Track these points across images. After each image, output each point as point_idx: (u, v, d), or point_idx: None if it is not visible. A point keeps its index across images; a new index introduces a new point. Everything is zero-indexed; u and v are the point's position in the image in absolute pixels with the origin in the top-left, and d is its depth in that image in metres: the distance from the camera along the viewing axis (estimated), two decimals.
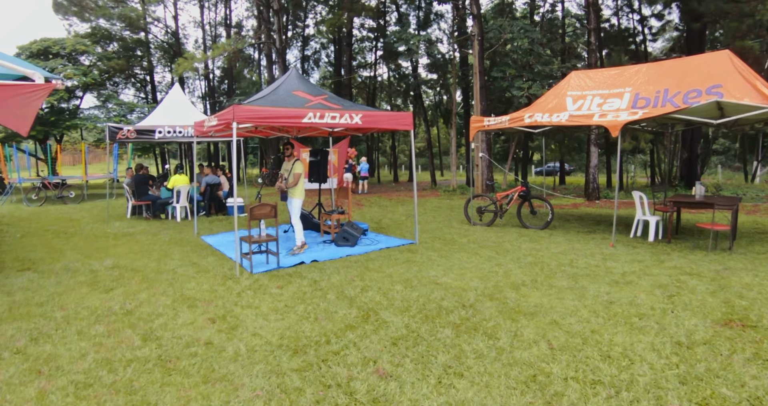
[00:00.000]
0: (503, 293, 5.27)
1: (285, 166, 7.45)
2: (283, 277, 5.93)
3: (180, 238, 8.54)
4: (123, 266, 6.48)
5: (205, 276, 5.93)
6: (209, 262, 6.70)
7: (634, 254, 7.14)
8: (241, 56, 24.11)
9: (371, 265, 6.55)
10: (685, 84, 8.04)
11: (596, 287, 5.47)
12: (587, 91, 9.06)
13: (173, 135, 9.82)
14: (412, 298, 5.10)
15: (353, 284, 5.61)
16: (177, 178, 10.69)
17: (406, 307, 4.82)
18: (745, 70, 7.60)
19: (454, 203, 14.57)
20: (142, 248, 7.65)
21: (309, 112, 6.46)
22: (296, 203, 7.26)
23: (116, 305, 4.80)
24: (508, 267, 6.40)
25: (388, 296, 5.18)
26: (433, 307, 4.82)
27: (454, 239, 8.39)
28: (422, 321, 4.42)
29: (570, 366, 3.49)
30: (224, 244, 7.92)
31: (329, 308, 4.76)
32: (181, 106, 11.42)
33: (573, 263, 6.65)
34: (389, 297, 5.13)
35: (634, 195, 8.78)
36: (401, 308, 4.80)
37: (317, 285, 5.57)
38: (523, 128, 9.47)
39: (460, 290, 5.40)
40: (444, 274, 6.08)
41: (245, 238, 6.33)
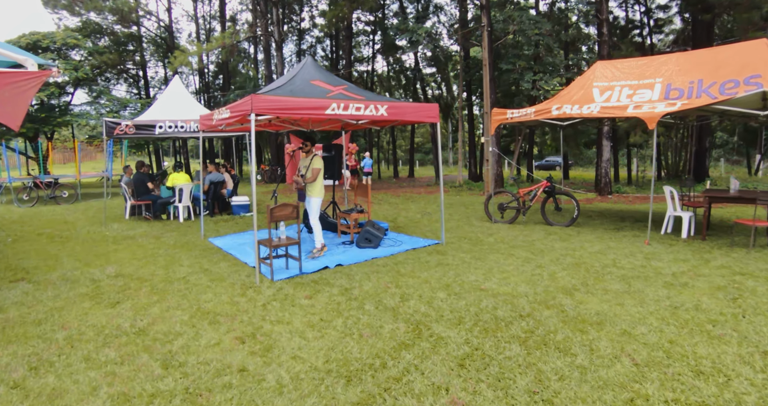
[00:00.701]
0: (557, 299, 4.75)
1: (302, 162, 6.80)
2: (308, 285, 5.30)
3: (186, 241, 7.86)
4: (127, 274, 5.81)
5: (222, 285, 5.28)
6: (223, 268, 6.04)
7: (675, 253, 6.68)
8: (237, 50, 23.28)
9: (402, 269, 5.95)
10: (720, 74, 7.53)
11: (653, 290, 5.01)
12: (614, 82, 8.51)
13: (175, 130, 9.10)
14: (461, 307, 4.51)
15: (389, 292, 5.00)
16: (176, 176, 9.97)
17: (458, 318, 4.23)
18: None
19: (465, 199, 14.00)
20: (145, 253, 6.96)
21: (332, 102, 5.82)
22: (315, 202, 6.63)
23: (125, 323, 4.14)
24: (550, 269, 5.85)
25: (433, 305, 4.59)
26: (488, 318, 4.24)
27: (480, 239, 7.81)
28: (482, 335, 3.85)
29: (665, 386, 3.05)
30: (235, 247, 7.26)
31: (372, 322, 4.15)
32: (182, 99, 10.67)
33: (616, 264, 6.14)
34: (435, 307, 4.54)
35: (665, 190, 8.29)
36: (453, 320, 4.21)
37: (349, 294, 4.95)
38: (551, 121, 8.90)
39: (509, 296, 4.84)
40: (485, 278, 5.50)
41: (264, 241, 5.68)
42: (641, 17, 18.30)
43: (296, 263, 6.16)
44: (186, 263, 6.33)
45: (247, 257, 6.56)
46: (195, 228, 9.02)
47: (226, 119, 6.02)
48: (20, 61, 4.85)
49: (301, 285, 5.28)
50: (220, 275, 5.68)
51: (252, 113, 5.19)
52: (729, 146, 27.99)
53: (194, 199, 10.12)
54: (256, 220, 5.39)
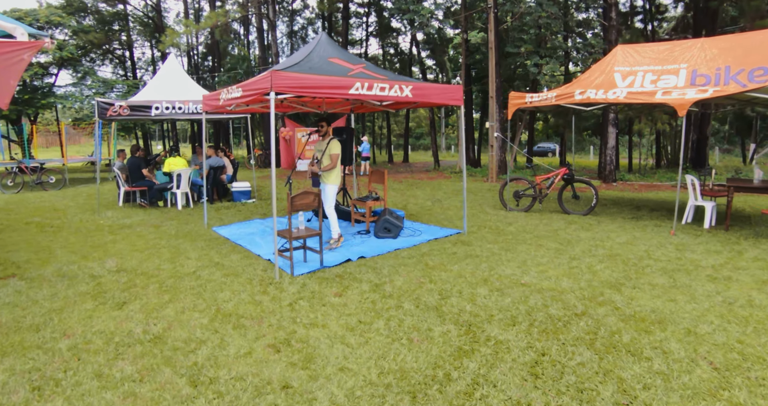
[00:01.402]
0: (605, 295, 4.38)
1: (318, 145, 6.24)
2: (333, 280, 4.80)
3: (188, 230, 7.26)
4: (130, 268, 5.23)
5: (238, 281, 4.75)
6: (235, 261, 5.50)
7: (704, 244, 6.38)
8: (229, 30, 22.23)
9: (429, 261, 5.48)
10: (748, 61, 7.14)
11: (699, 284, 4.71)
12: (637, 67, 8.07)
13: (172, 112, 8.40)
14: (509, 305, 4.09)
15: (425, 288, 4.53)
16: (174, 160, 9.30)
17: (510, 318, 3.81)
18: None
19: (469, 186, 13.55)
20: (147, 244, 6.37)
21: (356, 81, 5.26)
22: (331, 190, 6.09)
23: (137, 328, 3.60)
24: (586, 262, 5.46)
25: (478, 303, 4.15)
26: (542, 317, 3.84)
27: (500, 228, 7.38)
28: (544, 338, 3.45)
29: (754, 392, 2.79)
30: (243, 237, 6.70)
31: (418, 324, 3.69)
32: (178, 79, 9.92)
33: (651, 255, 5.79)
34: (480, 305, 4.10)
35: (686, 179, 7.95)
36: (505, 320, 3.78)
37: (382, 290, 4.47)
38: (574, 106, 8.43)
39: (555, 292, 4.44)
40: (522, 272, 5.07)
41: (284, 232, 5.14)
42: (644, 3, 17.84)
43: (315, 255, 5.65)
44: (193, 255, 5.76)
45: (259, 249, 6.02)
46: (196, 216, 8.41)
47: (238, 99, 5.40)
48: (9, 30, 4.19)
49: (326, 281, 4.77)
50: (234, 270, 5.14)
51: (271, 91, 4.60)
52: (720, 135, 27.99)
53: (192, 185, 9.47)
54: (275, 206, 4.85)
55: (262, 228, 7.29)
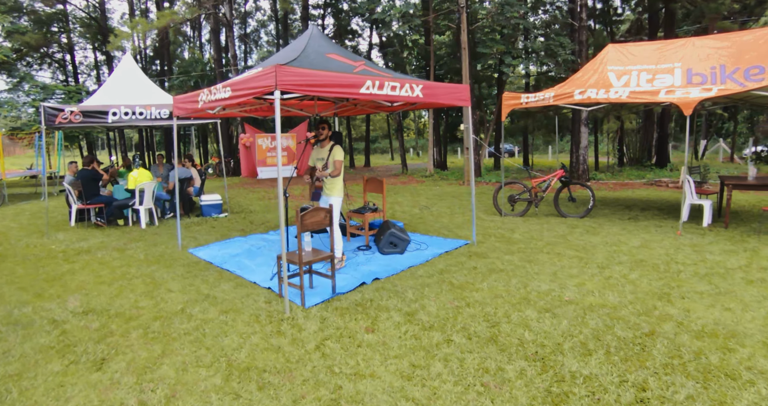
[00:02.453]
0: (659, 308, 4.02)
1: (317, 153, 5.47)
2: (355, 310, 4.06)
3: (160, 253, 6.24)
4: (100, 309, 4.24)
5: (241, 319, 3.91)
6: (228, 292, 4.62)
7: (715, 243, 6.24)
8: (180, 32, 20.70)
9: (453, 279, 4.86)
10: (743, 60, 7.07)
11: (740, 289, 4.52)
12: (630, 67, 7.86)
13: (132, 118, 7.30)
14: (570, 330, 3.58)
15: (466, 314, 3.90)
16: (140, 173, 8.12)
17: (581, 346, 3.31)
18: None
19: (449, 190, 13.08)
20: (114, 274, 5.33)
21: (367, 79, 4.56)
22: (336, 203, 5.34)
23: (130, 399, 2.73)
24: (617, 271, 5.09)
25: (534, 329, 3.60)
26: (613, 341, 3.39)
27: (505, 236, 6.88)
28: (630, 368, 3.02)
29: None
30: (228, 259, 5.80)
31: (484, 364, 3.05)
32: (137, 81, 8.75)
33: (675, 259, 5.52)
34: (539, 332, 3.56)
35: (683, 177, 7.80)
36: (576, 348, 3.29)
37: (418, 320, 3.79)
38: (572, 106, 8.09)
39: (606, 309, 4.00)
40: (559, 286, 4.59)
41: (291, 256, 4.33)
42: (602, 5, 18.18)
43: (323, 280, 4.87)
44: (175, 286, 4.82)
45: (252, 274, 5.16)
46: (164, 235, 7.35)
47: (226, 100, 4.55)
48: None
49: (347, 312, 4.02)
50: (231, 304, 4.27)
51: (276, 90, 3.80)
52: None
53: (156, 200, 8.35)
54: (283, 224, 4.05)
55: (247, 248, 6.39)
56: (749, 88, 6.32)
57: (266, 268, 5.41)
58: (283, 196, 5.25)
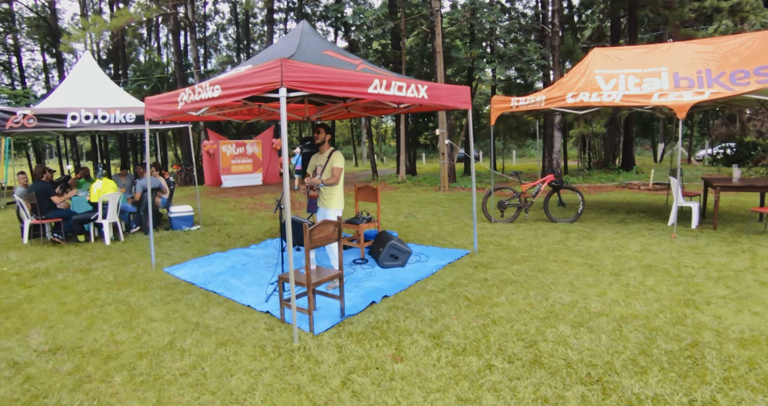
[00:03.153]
0: (689, 316, 3.89)
1: (316, 159, 4.97)
2: (372, 335, 3.61)
3: (131, 274, 5.53)
4: (70, 345, 3.57)
5: (244, 352, 3.37)
6: (221, 319, 4.05)
7: (711, 245, 6.23)
8: (133, 34, 19.43)
9: (468, 293, 4.50)
10: (728, 65, 7.18)
11: (758, 291, 4.44)
12: (617, 70, 7.84)
13: (94, 122, 6.52)
14: (613, 345, 3.33)
15: (497, 333, 3.56)
16: (104, 184, 7.27)
17: (632, 363, 3.11)
18: None
19: (426, 196, 12.77)
20: (81, 301, 4.62)
21: (374, 78, 4.15)
22: (333, 216, 4.86)
23: None
24: (632, 278, 4.92)
25: (575, 347, 3.34)
26: (661, 355, 3.20)
27: (504, 244, 6.62)
28: (693, 385, 2.83)
29: None
30: (212, 279, 5.19)
31: (539, 392, 2.73)
32: (98, 82, 7.89)
33: (682, 263, 5.44)
34: (581, 349, 3.30)
35: (671, 180, 7.83)
36: (629, 366, 3.05)
37: (447, 343, 3.41)
38: (564, 109, 7.95)
39: (639, 319, 3.81)
40: (581, 297, 4.38)
41: (299, 277, 3.82)
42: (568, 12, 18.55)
43: (326, 300, 4.37)
44: (157, 314, 4.19)
45: (243, 295, 4.60)
46: (133, 253, 6.59)
47: (215, 100, 3.99)
48: None
49: (364, 337, 3.56)
50: (228, 333, 3.71)
51: (282, 87, 3.31)
52: None
53: (121, 212, 7.54)
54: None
55: (230, 265, 5.77)
56: (743, 91, 6.38)
57: (257, 288, 4.85)
58: (278, 208, 4.74)
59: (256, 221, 9.19)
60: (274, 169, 20.12)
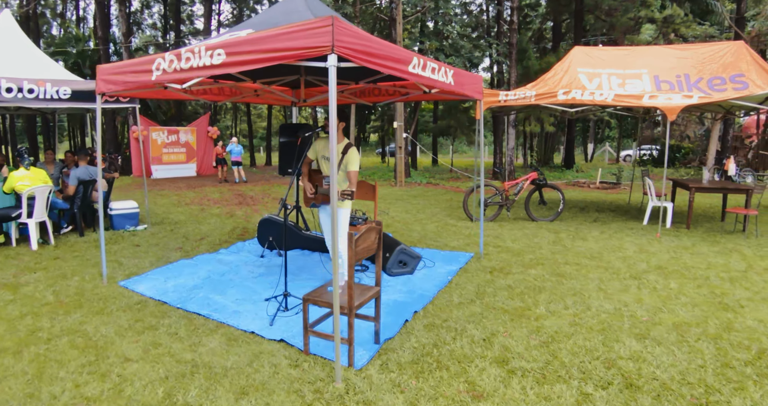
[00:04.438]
0: (735, 321, 3.76)
1: (323, 147, 4.10)
2: (426, 363, 2.96)
3: (77, 289, 4.30)
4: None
5: (276, 402, 2.52)
6: (223, 353, 3.13)
7: (698, 245, 6.27)
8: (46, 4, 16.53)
9: (500, 304, 4.02)
10: (706, 71, 7.32)
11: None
12: (599, 70, 7.73)
13: (17, 97, 5.04)
14: (690, 359, 3.07)
15: (562, 351, 3.13)
16: (33, 173, 5.78)
17: (725, 379, 2.80)
18: (760, 60, 7.20)
19: (384, 192, 12.12)
20: (16, 332, 3.41)
21: (413, 56, 3.43)
22: (345, 216, 4.06)
23: None
24: (655, 281, 4.70)
25: (654, 363, 3.04)
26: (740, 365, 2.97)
27: (500, 245, 6.23)
28: None
29: None
30: (187, 296, 4.16)
31: None
32: (21, 48, 6.19)
33: (687, 264, 5.36)
34: (664, 366, 2.98)
35: (647, 182, 7.90)
36: (725, 383, 2.76)
37: (519, 369, 2.89)
38: (555, 105, 7.66)
39: (693, 327, 3.60)
40: (621, 304, 4.04)
41: (320, 297, 3.00)
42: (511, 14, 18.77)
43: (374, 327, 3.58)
44: (132, 350, 3.14)
45: (239, 318, 3.68)
46: (70, 260, 5.25)
47: (213, 68, 3.02)
48: None
49: (418, 368, 2.89)
50: (245, 375, 2.82)
51: (332, 54, 2.48)
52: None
53: (50, 209, 6.05)
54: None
55: (204, 275, 4.72)
56: (728, 97, 6.51)
57: (251, 306, 3.93)
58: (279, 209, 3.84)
59: (212, 218, 7.99)
60: (210, 159, 18.40)
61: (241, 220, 7.88)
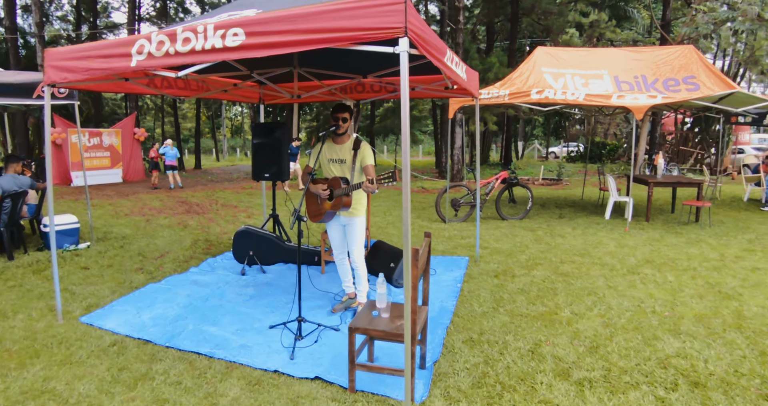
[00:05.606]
0: (743, 309, 3.86)
1: (331, 150, 3.57)
2: (492, 389, 2.65)
3: (27, 332, 3.39)
4: None
5: None
6: (252, 403, 2.54)
7: (666, 237, 6.54)
8: None
9: (523, 310, 3.88)
10: (660, 73, 7.73)
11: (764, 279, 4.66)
12: (563, 70, 7.87)
13: None
14: (728, 351, 3.08)
15: (612, 355, 2.95)
16: None
17: None
18: (707, 63, 7.70)
19: None
20: None
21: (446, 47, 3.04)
22: (361, 225, 3.59)
23: None
24: (652, 274, 4.73)
25: (703, 358, 2.96)
26: None
27: (487, 246, 6.05)
28: None
29: None
30: (177, 331, 3.44)
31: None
32: None
33: (668, 256, 5.54)
34: (712, 361, 2.86)
35: (608, 178, 8.15)
36: None
37: (584, 380, 2.73)
38: (530, 105, 7.62)
39: (711, 318, 3.51)
40: (636, 300, 3.99)
41: (377, 324, 2.53)
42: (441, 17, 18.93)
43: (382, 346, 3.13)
44: None
45: (251, 354, 3.09)
46: (6, 293, 4.20)
47: (228, 52, 2.43)
48: None
49: (485, 394, 2.56)
50: None
51: (405, 37, 2.03)
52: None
53: None
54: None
55: (185, 303, 3.97)
56: (689, 97, 6.83)
57: (257, 336, 3.33)
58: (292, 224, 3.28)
59: (163, 231, 7.00)
60: (137, 163, 16.64)
61: (199, 231, 6.99)
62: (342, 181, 3.37)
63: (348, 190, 3.31)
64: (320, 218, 3.51)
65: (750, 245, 6.02)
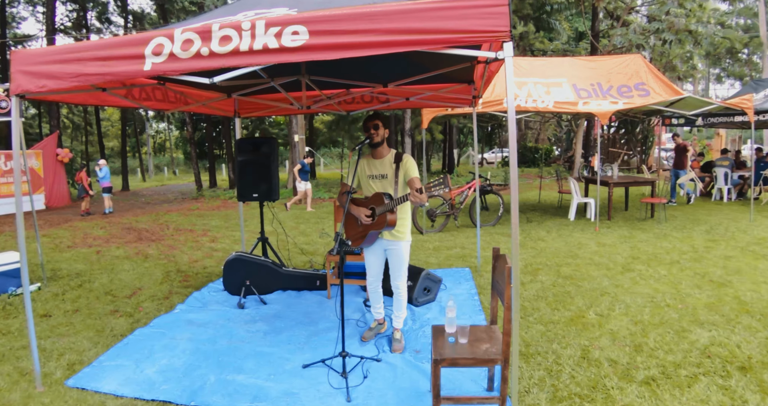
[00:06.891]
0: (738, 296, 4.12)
1: (371, 166, 3.27)
2: (569, 400, 2.47)
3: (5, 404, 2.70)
4: None
5: None
6: None
7: (636, 234, 6.88)
8: None
9: (552, 317, 3.86)
10: (614, 80, 8.23)
11: (744, 267, 4.99)
12: (525, 78, 8.12)
13: None
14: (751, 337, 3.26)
15: (658, 353, 2.99)
16: None
17: None
18: (655, 70, 8.30)
19: (296, 212, 11.05)
20: None
21: None
22: (407, 250, 3.28)
23: None
24: (647, 270, 4.91)
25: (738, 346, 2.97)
26: None
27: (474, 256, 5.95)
28: None
29: None
30: (197, 385, 2.93)
31: None
32: None
33: (648, 251, 5.82)
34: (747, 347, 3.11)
35: (570, 181, 8.49)
36: None
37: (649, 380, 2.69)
38: (499, 113, 7.69)
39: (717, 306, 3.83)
40: (647, 297, 4.07)
41: (481, 353, 2.27)
42: None
43: (450, 373, 2.86)
44: None
45: (303, 401, 2.67)
46: None
47: (290, 54, 2.07)
48: None
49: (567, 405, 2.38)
50: None
51: (510, 42, 1.83)
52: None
53: None
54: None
55: (191, 348, 3.40)
56: (648, 102, 7.27)
57: (295, 379, 2.92)
58: (341, 247, 2.92)
59: (123, 264, 6.12)
60: (62, 188, 14.80)
61: (165, 262, 6.20)
62: (385, 197, 3.05)
63: (393, 205, 3.00)
64: (362, 241, 3.16)
65: (709, 235, 6.51)
